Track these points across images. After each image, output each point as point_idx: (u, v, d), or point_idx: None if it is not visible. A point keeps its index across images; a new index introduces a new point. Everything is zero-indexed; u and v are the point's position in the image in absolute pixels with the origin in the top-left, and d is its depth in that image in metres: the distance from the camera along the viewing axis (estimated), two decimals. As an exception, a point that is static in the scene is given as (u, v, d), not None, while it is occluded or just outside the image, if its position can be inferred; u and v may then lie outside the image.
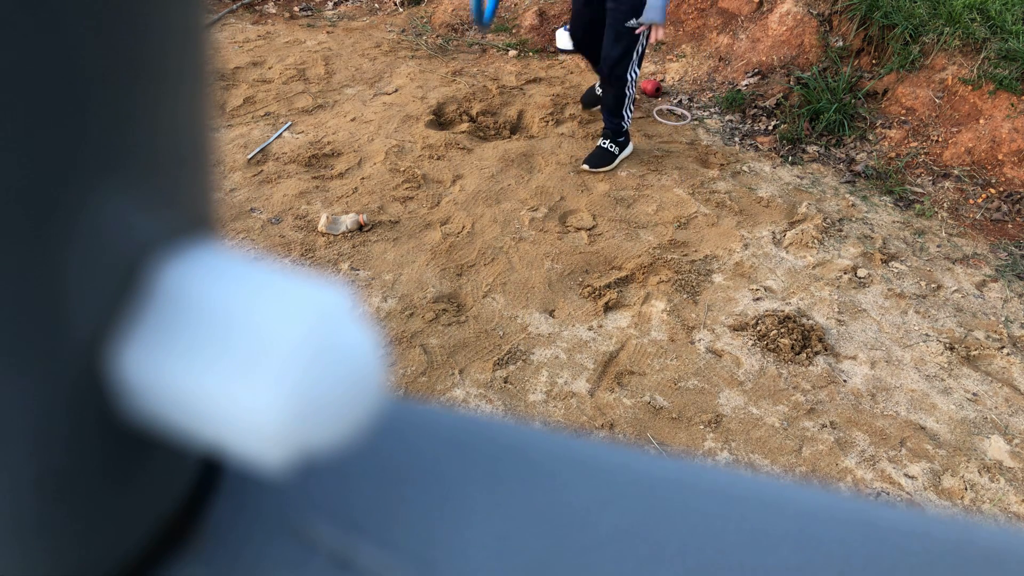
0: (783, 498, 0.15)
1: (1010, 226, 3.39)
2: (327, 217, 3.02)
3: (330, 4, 5.40)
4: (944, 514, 0.17)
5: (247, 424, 0.10)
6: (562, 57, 4.52)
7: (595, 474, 0.13)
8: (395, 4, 5.33)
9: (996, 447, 2.27)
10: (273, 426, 0.10)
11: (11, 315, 0.10)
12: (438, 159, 3.50)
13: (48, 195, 0.10)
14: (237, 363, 0.11)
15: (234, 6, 5.18)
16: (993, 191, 3.57)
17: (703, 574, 0.12)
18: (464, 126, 3.81)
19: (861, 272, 2.98)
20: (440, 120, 3.88)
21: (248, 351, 0.11)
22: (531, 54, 4.60)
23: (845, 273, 2.96)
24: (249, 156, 3.48)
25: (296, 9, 5.28)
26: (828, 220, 3.27)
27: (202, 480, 0.13)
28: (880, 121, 3.99)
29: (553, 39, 4.59)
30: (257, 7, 5.26)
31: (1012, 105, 3.70)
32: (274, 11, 5.23)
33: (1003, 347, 2.65)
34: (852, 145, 3.90)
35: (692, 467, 0.15)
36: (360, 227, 3.02)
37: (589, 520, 0.13)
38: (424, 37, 4.87)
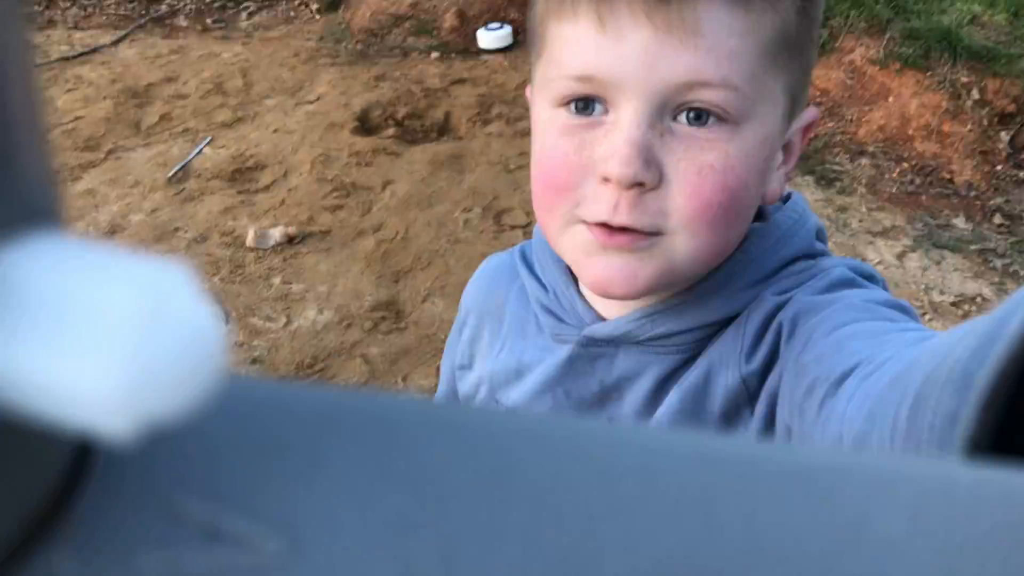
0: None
1: (924, 198, 3.53)
2: (255, 232, 2.97)
3: (244, 15, 5.30)
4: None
5: (87, 397, 0.11)
6: (485, 57, 4.53)
7: (453, 434, 0.14)
8: (311, 12, 5.27)
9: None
10: (111, 397, 0.11)
11: None
12: (366, 165, 3.47)
13: None
14: (72, 339, 0.11)
15: (141, 20, 5.04)
16: (907, 165, 3.72)
17: (552, 521, 0.13)
18: (391, 131, 3.79)
19: (787, 251, 3.07)
20: (366, 126, 3.84)
21: (82, 327, 0.11)
22: (453, 55, 4.59)
23: (772, 253, 3.05)
24: (169, 174, 3.40)
25: (209, 21, 5.17)
26: (753, 202, 3.37)
27: (74, 465, 0.13)
28: (796, 104, 4.12)
29: (475, 39, 4.60)
30: (167, 21, 5.13)
31: (918, 82, 3.86)
32: (185, 24, 5.11)
33: (924, 312, 2.76)
34: (771, 128, 4.02)
35: (553, 422, 0.16)
36: (290, 240, 2.98)
37: (446, 475, 0.13)
38: (344, 43, 4.83)
